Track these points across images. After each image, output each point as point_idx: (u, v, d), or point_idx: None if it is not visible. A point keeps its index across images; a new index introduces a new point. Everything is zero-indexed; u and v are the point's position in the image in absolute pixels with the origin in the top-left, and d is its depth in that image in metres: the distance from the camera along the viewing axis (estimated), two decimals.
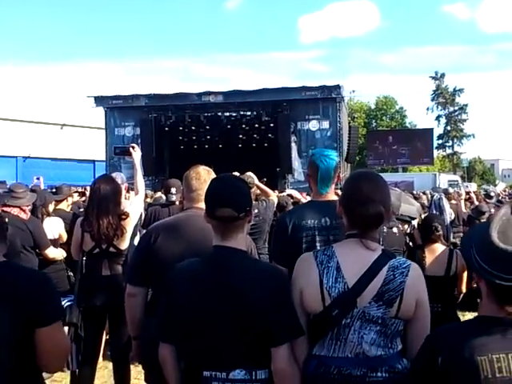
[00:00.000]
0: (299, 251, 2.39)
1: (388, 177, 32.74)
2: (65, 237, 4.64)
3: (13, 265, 1.86)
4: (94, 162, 34.75)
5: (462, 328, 1.53)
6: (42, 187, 11.90)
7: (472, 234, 1.57)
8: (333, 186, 2.63)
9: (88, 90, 65.07)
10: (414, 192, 17.20)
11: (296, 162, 28.16)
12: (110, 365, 4.00)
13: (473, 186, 36.62)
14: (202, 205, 2.51)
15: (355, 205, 1.86)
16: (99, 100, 28.39)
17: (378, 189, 1.91)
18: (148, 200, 7.93)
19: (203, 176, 2.66)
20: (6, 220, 3.02)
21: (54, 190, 6.47)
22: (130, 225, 3.62)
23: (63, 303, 3.49)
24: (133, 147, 4.02)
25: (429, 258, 4.07)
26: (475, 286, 4.14)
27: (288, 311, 1.83)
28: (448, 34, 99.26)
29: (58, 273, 4.62)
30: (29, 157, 32.28)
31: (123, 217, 3.57)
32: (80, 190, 16.26)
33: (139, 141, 28.32)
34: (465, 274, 4.10)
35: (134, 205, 3.79)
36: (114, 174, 5.16)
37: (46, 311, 1.70)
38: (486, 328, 1.40)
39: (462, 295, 4.23)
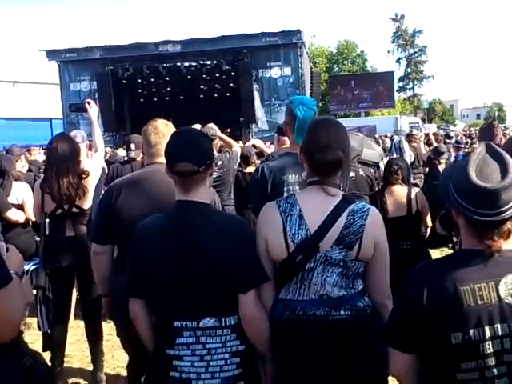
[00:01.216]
0: None
1: (351, 122, 32.89)
2: (28, 203, 4.52)
3: None
4: (50, 119, 33.54)
5: (445, 261, 1.60)
6: None
7: (449, 173, 1.62)
8: None
9: (38, 41, 61.71)
10: (377, 136, 17.44)
11: (259, 111, 27.93)
12: (82, 323, 4.02)
13: (432, 127, 37.36)
14: (163, 159, 2.48)
15: (314, 152, 1.89)
16: (52, 54, 27.08)
17: (336, 135, 1.93)
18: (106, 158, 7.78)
19: (162, 130, 2.61)
20: None
21: (3, 152, 6.29)
22: (91, 183, 3.56)
23: (29, 267, 3.46)
24: (88, 103, 3.89)
25: (390, 200, 4.19)
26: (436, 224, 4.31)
27: (252, 259, 1.88)
28: None
29: (23, 236, 4.54)
30: None
31: (84, 176, 3.49)
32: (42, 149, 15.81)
33: (96, 95, 27.33)
34: (427, 211, 4.25)
35: (94, 163, 3.72)
36: (73, 132, 5.00)
37: None
38: (467, 260, 1.47)
39: (429, 229, 4.38)
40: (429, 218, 4.29)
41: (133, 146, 5.20)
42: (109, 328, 4.10)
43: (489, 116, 64.07)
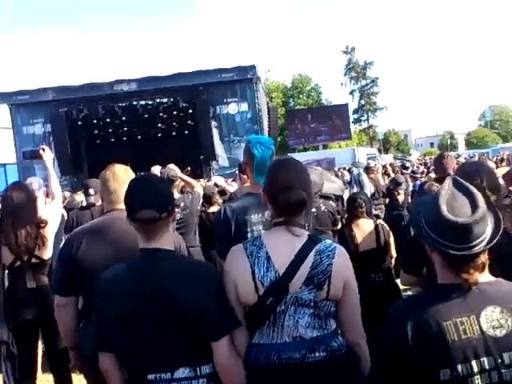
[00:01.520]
0: None
1: (310, 155, 33.60)
2: None
3: None
4: (4, 165, 32.68)
5: (423, 298, 1.59)
6: None
7: (420, 209, 1.62)
8: None
9: None
10: (336, 169, 17.81)
11: (219, 148, 28.04)
12: (50, 376, 3.84)
13: (389, 158, 38.51)
14: (123, 206, 2.45)
15: (277, 193, 1.90)
16: (2, 96, 26.53)
17: (297, 175, 1.96)
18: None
19: (120, 176, 2.57)
20: None
21: None
22: (50, 232, 3.45)
23: None
24: (43, 149, 3.81)
25: (358, 234, 4.26)
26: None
27: (221, 305, 1.84)
28: (358, 7, 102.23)
29: None
30: None
31: (42, 225, 3.39)
32: None
33: (51, 139, 26.80)
34: (391, 241, 4.33)
35: (51, 210, 3.61)
36: (29, 180, 4.88)
37: None
38: (446, 294, 1.47)
39: (394, 259, 4.45)
40: (393, 249, 4.38)
41: (92, 191, 5.09)
42: (78, 380, 3.92)
43: (441, 144, 66.70)
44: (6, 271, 3.38)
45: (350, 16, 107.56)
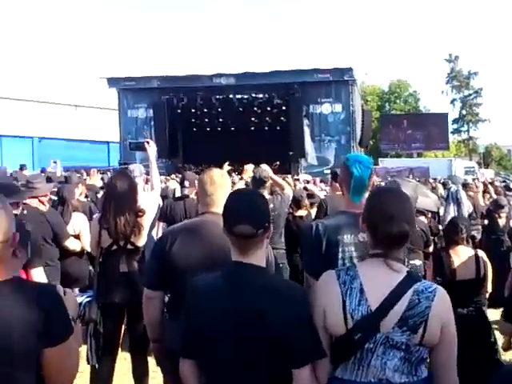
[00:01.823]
0: (334, 266, 2.32)
1: (403, 162, 32.38)
2: (84, 235, 4.64)
3: (22, 282, 1.80)
4: (108, 143, 34.88)
5: None
6: (59, 171, 11.99)
7: None
8: (366, 195, 2.49)
9: (100, 68, 64.63)
10: (431, 180, 17.02)
11: (309, 146, 28.00)
12: (128, 356, 4.01)
13: (489, 173, 36.06)
14: (217, 209, 2.52)
15: (378, 223, 1.80)
16: (112, 81, 28.35)
17: (401, 205, 1.84)
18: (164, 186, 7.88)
19: (217, 180, 2.63)
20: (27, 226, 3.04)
21: (62, 180, 6.52)
22: (146, 221, 3.63)
23: (82, 299, 3.53)
24: (147, 142, 4.00)
25: (456, 261, 3.99)
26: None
27: (310, 332, 1.79)
28: (463, 15, 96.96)
29: (78, 264, 4.65)
30: (44, 137, 32.45)
31: (140, 214, 3.57)
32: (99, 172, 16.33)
33: (152, 123, 28.37)
34: (490, 274, 4.06)
35: (149, 200, 3.79)
36: (131, 166, 5.17)
37: (54, 332, 1.62)
38: None
39: (488, 294, 4.17)
40: (490, 283, 4.09)
41: (187, 184, 5.29)
42: (154, 364, 4.09)
43: None
44: (103, 254, 3.58)
45: (455, 24, 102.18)
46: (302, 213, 5.76)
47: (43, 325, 1.58)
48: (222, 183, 2.62)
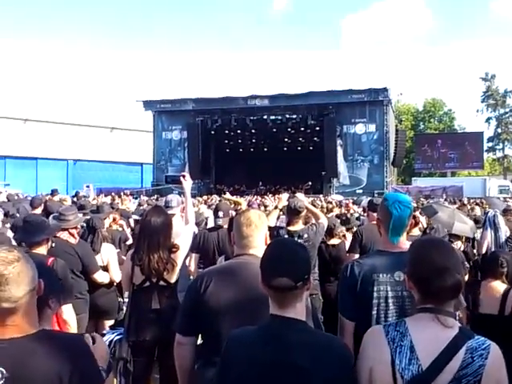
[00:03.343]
0: (369, 306, 2.26)
1: (436, 181, 31.84)
2: (112, 267, 4.64)
3: (48, 335, 1.73)
4: (141, 164, 35.58)
5: None
6: (93, 195, 12.23)
7: None
8: (404, 235, 2.45)
9: (135, 90, 66.38)
10: (465, 200, 16.58)
11: (342, 166, 27.88)
12: None
13: None
14: (254, 251, 2.43)
15: (430, 277, 1.70)
16: (148, 104, 29.06)
17: (450, 256, 1.75)
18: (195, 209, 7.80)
19: (254, 222, 2.55)
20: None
21: (94, 209, 6.57)
22: (180, 257, 3.56)
23: (112, 336, 3.46)
24: (183, 176, 3.96)
25: (484, 294, 3.81)
26: None
27: None
28: (500, 32, 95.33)
29: (107, 296, 4.62)
30: (79, 160, 33.36)
31: (173, 249, 3.50)
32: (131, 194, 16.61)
33: (186, 144, 28.88)
34: None
35: (184, 236, 3.73)
36: (169, 197, 5.14)
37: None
38: None
39: None
40: None
41: (221, 214, 5.22)
42: None
43: None
44: (135, 290, 3.53)
45: (490, 43, 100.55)
46: (334, 241, 5.62)
47: (70, 379, 1.52)
48: (258, 224, 2.54)
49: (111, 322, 4.30)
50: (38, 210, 6.68)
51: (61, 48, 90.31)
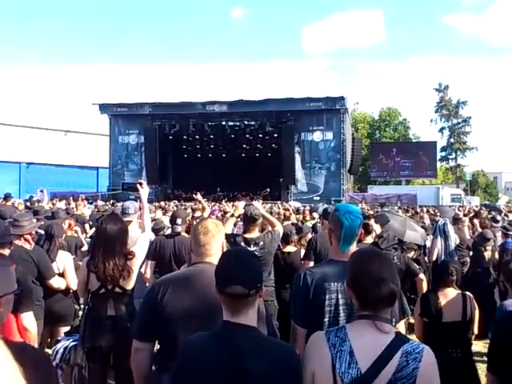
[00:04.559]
0: (321, 314, 2.33)
1: (391, 189, 32.72)
2: (69, 273, 4.60)
3: (8, 342, 1.76)
4: (97, 168, 34.88)
5: None
6: (46, 200, 11.95)
7: None
8: (355, 244, 2.56)
9: (91, 94, 65.22)
10: (418, 209, 17.13)
11: (299, 173, 28.25)
12: None
13: (475, 200, 36.49)
14: (210, 259, 2.50)
15: (368, 286, 1.81)
16: (104, 107, 28.54)
17: (386, 266, 1.87)
18: (151, 215, 7.81)
19: (211, 230, 2.62)
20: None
21: (49, 215, 6.48)
22: (136, 264, 3.58)
23: (68, 343, 3.45)
24: (140, 183, 3.99)
25: (443, 303, 4.01)
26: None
27: None
28: (453, 46, 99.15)
29: (63, 302, 4.57)
30: (32, 163, 32.38)
31: (129, 257, 3.52)
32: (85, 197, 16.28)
33: (143, 149, 28.51)
34: (476, 316, 4.06)
35: (140, 243, 3.75)
36: (126, 203, 5.13)
37: None
38: None
39: (473, 337, 4.17)
40: (476, 326, 4.09)
41: (179, 221, 5.25)
42: None
43: None
44: (90, 297, 3.53)
45: (443, 53, 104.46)
46: (290, 249, 5.74)
47: None
48: (215, 233, 2.61)
49: (67, 329, 4.25)
50: None
51: (16, 47, 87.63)
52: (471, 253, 7.85)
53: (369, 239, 5.14)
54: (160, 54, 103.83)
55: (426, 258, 7.84)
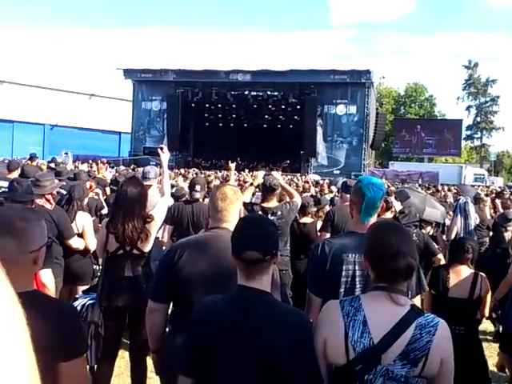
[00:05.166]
0: (337, 284, 2.34)
1: (413, 166, 32.25)
2: (88, 234, 4.68)
3: (41, 295, 1.86)
4: (119, 133, 35.08)
5: None
6: (70, 163, 12.08)
7: None
8: (375, 217, 2.56)
9: (116, 59, 65.14)
10: (439, 187, 16.93)
11: (320, 146, 28.04)
12: (127, 354, 4.04)
13: (499, 181, 35.84)
14: (227, 225, 2.52)
15: (384, 259, 1.82)
16: (128, 73, 28.53)
17: (405, 240, 1.85)
18: (172, 181, 7.84)
19: (229, 197, 2.62)
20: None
21: (71, 176, 6.57)
22: (154, 228, 3.63)
23: (85, 301, 3.54)
24: (161, 148, 4.00)
25: (453, 279, 3.98)
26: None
27: (308, 359, 1.80)
28: (484, 21, 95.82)
29: (82, 262, 4.67)
30: (56, 125, 32.69)
31: (148, 220, 3.57)
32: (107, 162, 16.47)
33: (165, 116, 28.55)
34: (488, 298, 4.02)
35: (159, 207, 3.79)
36: (146, 168, 5.17)
37: (69, 346, 1.70)
38: None
39: (483, 318, 4.15)
40: (487, 307, 4.05)
41: (198, 188, 5.27)
42: (152, 365, 4.11)
43: None
44: (109, 258, 3.60)
45: (474, 30, 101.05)
46: (306, 220, 5.73)
47: (65, 341, 1.66)
48: (233, 199, 2.61)
49: (85, 288, 4.36)
50: (15, 174, 6.62)
51: (43, 9, 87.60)
52: (491, 233, 7.76)
53: (388, 215, 5.11)
54: (186, 21, 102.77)
55: (445, 237, 7.77)
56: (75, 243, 4.54)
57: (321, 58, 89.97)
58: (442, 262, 5.27)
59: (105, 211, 6.40)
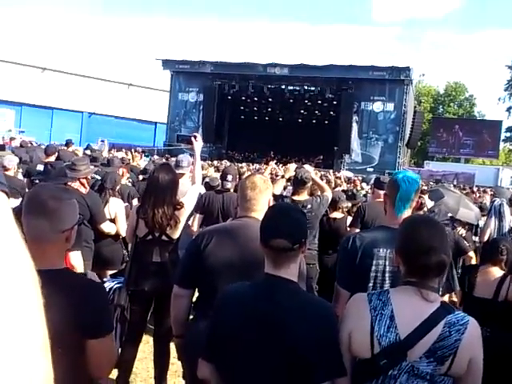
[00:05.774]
0: (366, 279, 2.32)
1: (448, 167, 31.53)
2: (119, 220, 4.75)
3: (71, 273, 1.90)
4: (155, 123, 35.54)
5: None
6: (106, 151, 12.28)
7: None
8: (409, 210, 2.50)
9: (155, 49, 65.87)
10: (475, 188, 16.49)
11: (355, 143, 27.70)
12: (151, 339, 4.08)
13: None
14: (255, 214, 2.51)
15: (416, 253, 1.77)
16: (166, 63, 28.83)
17: (438, 236, 1.80)
18: (204, 172, 7.86)
19: (258, 186, 2.61)
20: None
21: (105, 162, 6.66)
22: (183, 215, 3.65)
23: (112, 284, 3.59)
24: (195, 137, 4.01)
25: (480, 278, 3.87)
26: None
27: (332, 350, 1.78)
28: None
29: (113, 247, 4.75)
30: (94, 113, 33.35)
31: (178, 207, 3.59)
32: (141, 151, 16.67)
33: (201, 107, 28.75)
34: None
35: (189, 195, 3.81)
36: (180, 157, 5.21)
37: (97, 324, 1.74)
38: None
39: None
40: None
41: (229, 178, 5.30)
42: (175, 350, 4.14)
43: None
44: (138, 242, 3.64)
45: None
46: (337, 215, 5.65)
47: (94, 319, 1.72)
48: (263, 189, 2.60)
49: (113, 272, 4.43)
50: (52, 158, 6.79)
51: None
52: None
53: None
54: (224, 12, 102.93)
55: (477, 238, 7.58)
56: (107, 228, 4.62)
57: (360, 54, 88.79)
58: (473, 260, 5.14)
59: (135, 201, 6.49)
